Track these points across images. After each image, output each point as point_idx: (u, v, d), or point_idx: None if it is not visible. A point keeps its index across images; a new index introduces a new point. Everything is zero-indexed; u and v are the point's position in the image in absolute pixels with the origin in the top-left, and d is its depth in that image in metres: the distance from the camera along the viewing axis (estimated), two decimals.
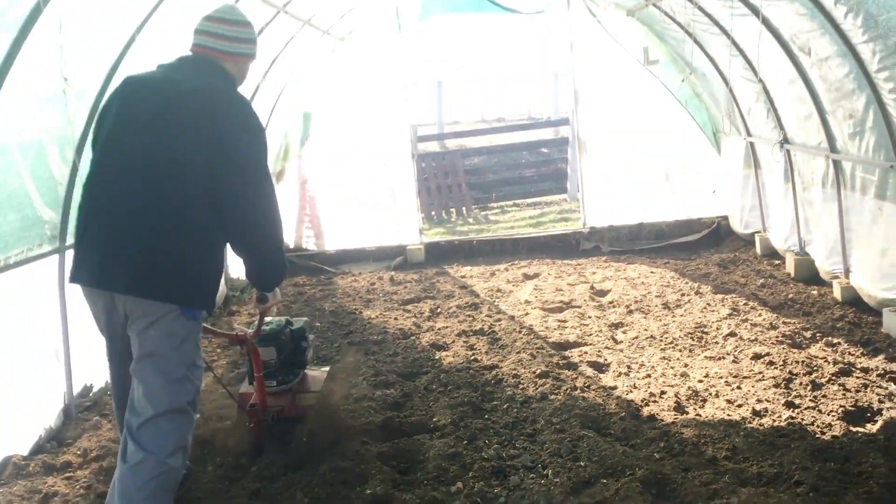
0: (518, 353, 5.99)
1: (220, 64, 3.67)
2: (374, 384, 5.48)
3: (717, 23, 7.45)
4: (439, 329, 6.85)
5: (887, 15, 4.96)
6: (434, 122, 22.07)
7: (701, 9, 7.45)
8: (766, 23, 6.53)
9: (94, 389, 5.46)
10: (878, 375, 5.11)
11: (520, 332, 6.58)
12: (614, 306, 7.21)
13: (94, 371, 5.48)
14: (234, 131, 3.42)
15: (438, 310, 7.48)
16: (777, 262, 8.29)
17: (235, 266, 8.48)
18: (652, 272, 8.36)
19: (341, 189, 10.34)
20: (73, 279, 3.49)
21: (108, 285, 3.38)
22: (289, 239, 10.39)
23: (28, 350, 4.85)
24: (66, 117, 4.83)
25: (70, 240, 5.09)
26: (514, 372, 5.59)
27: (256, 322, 4.42)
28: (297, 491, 3.98)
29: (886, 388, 4.89)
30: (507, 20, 11.95)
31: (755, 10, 6.38)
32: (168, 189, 3.34)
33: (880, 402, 4.69)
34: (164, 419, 3.36)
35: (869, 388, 4.90)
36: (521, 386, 5.34)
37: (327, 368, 5.07)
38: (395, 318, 7.28)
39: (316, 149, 10.34)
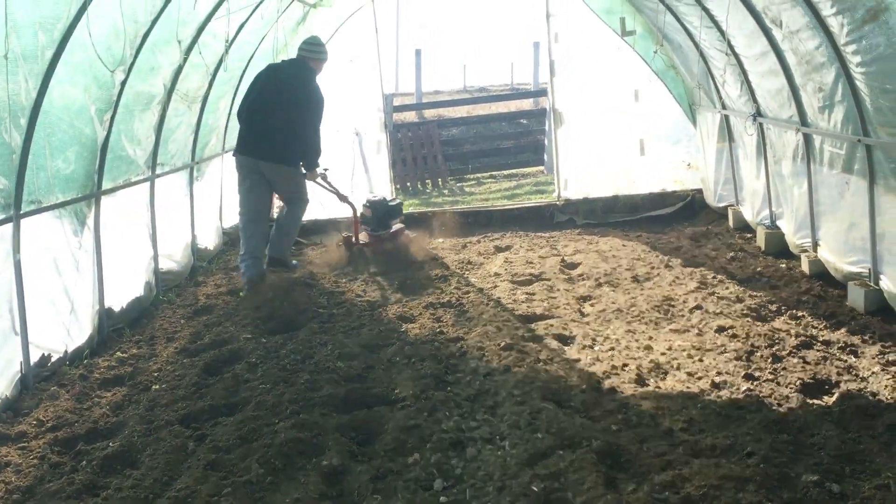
0: (484, 325, 5.97)
1: (306, 62, 7.55)
2: (337, 356, 5.44)
3: None
4: (407, 301, 6.82)
5: None
6: (413, 91, 21.88)
7: None
8: None
9: (53, 359, 5.40)
10: (838, 348, 5.14)
11: (487, 304, 6.56)
12: (584, 279, 7.21)
13: (52, 341, 5.42)
14: (307, 96, 7.36)
15: (407, 281, 7.45)
16: (749, 235, 8.31)
17: (202, 236, 8.40)
18: (624, 245, 8.36)
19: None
20: (237, 153, 7.43)
21: (259, 156, 7.29)
22: None
23: None
24: (18, 84, 4.72)
25: (25, 207, 5.02)
26: (479, 344, 5.57)
27: (328, 188, 8.20)
28: (252, 461, 3.96)
29: (846, 361, 4.92)
30: None
31: None
32: (282, 119, 7.21)
33: (838, 374, 4.72)
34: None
35: (828, 361, 4.92)
36: (485, 358, 5.32)
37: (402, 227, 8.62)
38: (363, 290, 7.24)
39: None
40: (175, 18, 6.42)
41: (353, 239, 8.38)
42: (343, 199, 8.27)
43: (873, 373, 4.72)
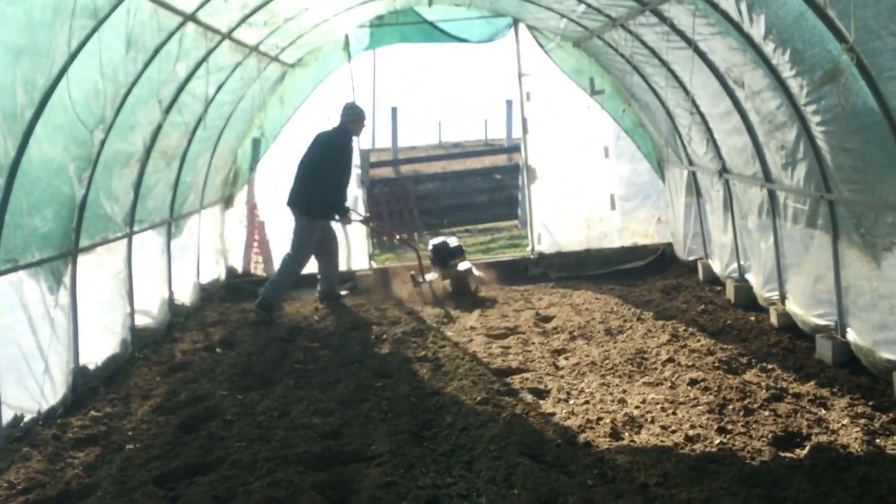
0: (460, 379, 6.01)
1: (344, 125, 8.85)
2: (313, 412, 5.44)
3: (656, 55, 7.64)
4: (383, 356, 6.85)
5: (812, 51, 5.13)
6: (389, 147, 22.14)
7: (641, 41, 7.63)
8: (702, 56, 6.71)
9: (25, 419, 5.34)
10: (808, 401, 5.23)
11: (463, 358, 6.60)
12: (558, 332, 7.29)
13: (26, 400, 5.37)
14: (332, 155, 8.59)
15: (384, 336, 7.48)
16: (718, 288, 8.46)
17: (179, 292, 8.40)
18: (597, 298, 8.47)
19: (291, 214, 10.29)
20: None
21: (289, 203, 8.79)
22: (237, 264, 10.32)
23: None
24: None
25: (1, 266, 5.04)
26: (455, 399, 5.60)
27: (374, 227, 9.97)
28: None
29: (816, 414, 5.01)
30: (461, 50, 12.13)
31: (690, 42, 6.56)
32: (309, 174, 8.62)
33: (809, 427, 4.80)
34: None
35: (799, 414, 5.00)
36: (461, 413, 5.35)
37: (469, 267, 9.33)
38: (340, 345, 7.25)
39: (266, 174, 10.30)
40: (155, 79, 6.53)
41: (420, 277, 9.35)
42: (404, 241, 10.27)
43: (843, 425, 4.81)
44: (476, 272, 9.52)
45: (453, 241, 9.56)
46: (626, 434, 4.89)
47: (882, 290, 5.39)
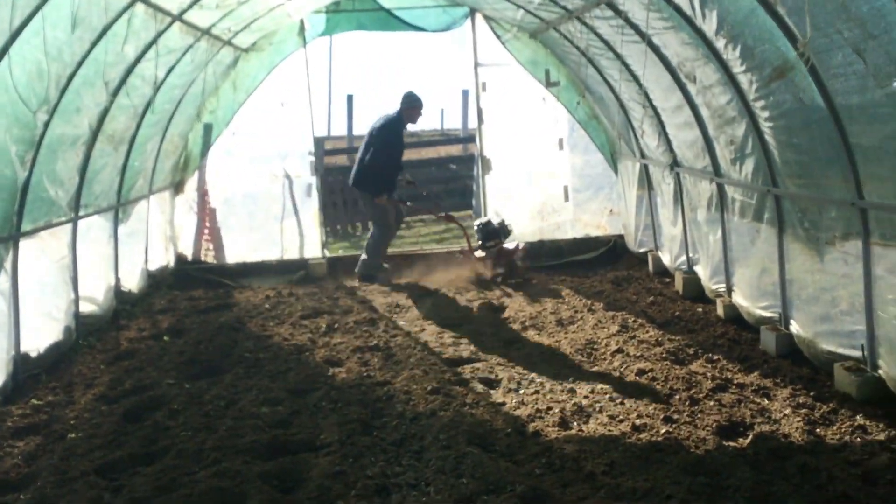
0: (412, 369, 6.00)
1: (400, 112, 9.53)
2: (262, 401, 5.39)
3: (611, 48, 7.69)
4: (335, 345, 6.80)
5: (762, 48, 5.22)
6: (345, 135, 21.97)
7: (596, 34, 7.67)
8: (655, 50, 6.78)
9: None
10: (752, 391, 5.34)
11: (415, 348, 6.59)
12: (510, 323, 7.32)
13: None
14: (383, 138, 9.38)
15: (335, 325, 7.43)
16: (668, 280, 8.58)
17: (126, 279, 8.23)
18: (548, 290, 8.52)
19: (243, 201, 10.20)
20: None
21: (352, 182, 9.74)
22: (187, 251, 10.16)
23: None
24: None
25: None
26: (405, 388, 5.59)
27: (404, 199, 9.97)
28: None
29: (759, 404, 5.11)
30: (418, 38, 12.12)
31: (643, 36, 6.62)
32: (365, 155, 9.48)
33: (752, 417, 4.89)
34: None
35: (743, 404, 5.10)
36: (411, 402, 5.34)
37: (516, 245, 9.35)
38: (291, 334, 7.19)
39: (218, 160, 10.14)
40: (102, 60, 6.37)
41: (468, 250, 9.69)
42: (450, 218, 10.19)
43: (785, 415, 4.92)
44: (522, 251, 9.38)
45: (497, 220, 9.58)
46: (575, 424, 4.93)
47: (824, 284, 5.51)
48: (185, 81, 8.59)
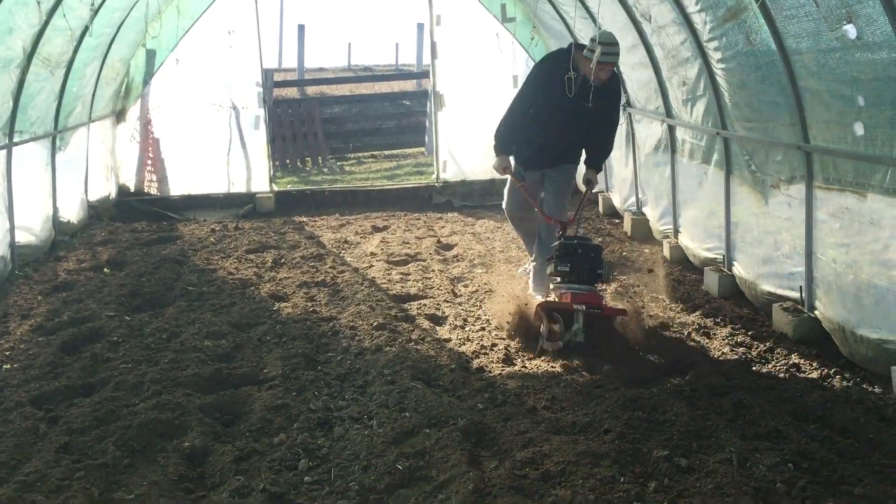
0: (358, 305, 5.97)
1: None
2: (205, 335, 5.31)
3: None
4: (281, 280, 6.73)
5: None
6: (295, 67, 21.46)
7: None
8: None
9: None
10: (693, 330, 5.43)
11: (362, 284, 6.55)
12: (458, 260, 7.31)
13: None
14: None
15: (282, 260, 7.34)
16: (617, 221, 8.64)
17: (65, 209, 7.99)
18: (498, 227, 8.52)
19: (188, 132, 9.91)
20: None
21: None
22: (130, 182, 9.89)
23: None
24: None
25: None
26: (351, 324, 5.56)
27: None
28: (108, 444, 3.81)
29: (699, 342, 5.21)
30: None
31: None
32: None
33: (692, 355, 4.99)
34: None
35: (683, 342, 5.19)
36: (357, 338, 5.33)
37: None
38: (236, 268, 7.08)
39: (162, 88, 9.81)
40: None
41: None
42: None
43: (723, 353, 5.02)
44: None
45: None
46: (519, 360, 4.97)
47: (768, 227, 5.59)
48: (125, 4, 8.24)
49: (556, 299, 5.18)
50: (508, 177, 6.08)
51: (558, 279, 5.25)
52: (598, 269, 5.20)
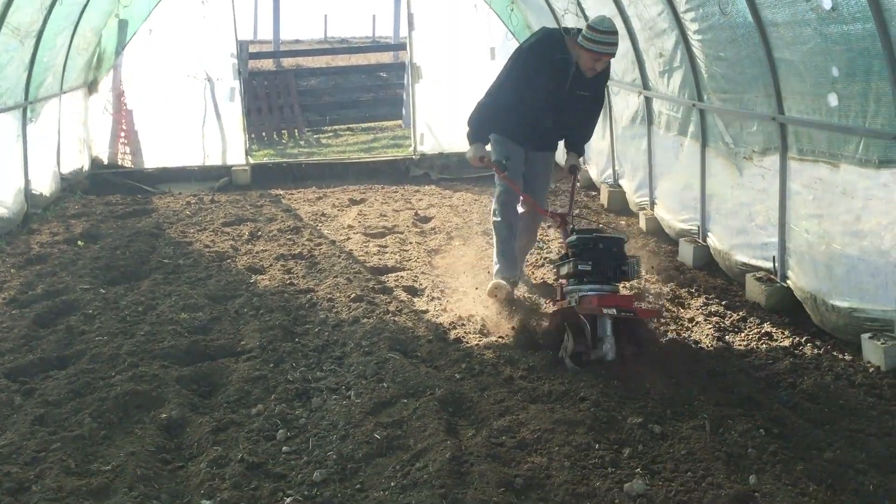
0: (335, 277, 5.96)
1: None
2: (181, 307, 5.29)
3: None
4: (257, 252, 6.70)
5: None
6: (271, 39, 21.22)
7: None
8: None
9: None
10: (668, 300, 5.49)
11: (339, 256, 6.54)
12: (436, 233, 7.32)
13: None
14: None
15: (259, 233, 7.31)
16: (594, 193, 8.67)
17: (37, 181, 7.88)
18: (476, 199, 8.53)
19: (162, 104, 9.78)
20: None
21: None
22: (103, 154, 9.77)
23: None
24: None
25: None
26: (329, 296, 5.56)
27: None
28: (85, 415, 3.80)
29: (674, 312, 5.26)
30: None
31: None
32: None
33: (666, 324, 5.04)
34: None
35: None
36: (334, 310, 5.33)
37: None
38: (213, 241, 7.04)
39: (135, 59, 9.66)
40: None
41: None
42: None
43: (697, 322, 5.09)
44: None
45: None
46: (496, 331, 4.99)
47: (743, 198, 5.64)
48: None
49: (574, 303, 4.35)
50: (497, 186, 5.52)
51: (573, 280, 4.46)
52: (622, 265, 4.45)
